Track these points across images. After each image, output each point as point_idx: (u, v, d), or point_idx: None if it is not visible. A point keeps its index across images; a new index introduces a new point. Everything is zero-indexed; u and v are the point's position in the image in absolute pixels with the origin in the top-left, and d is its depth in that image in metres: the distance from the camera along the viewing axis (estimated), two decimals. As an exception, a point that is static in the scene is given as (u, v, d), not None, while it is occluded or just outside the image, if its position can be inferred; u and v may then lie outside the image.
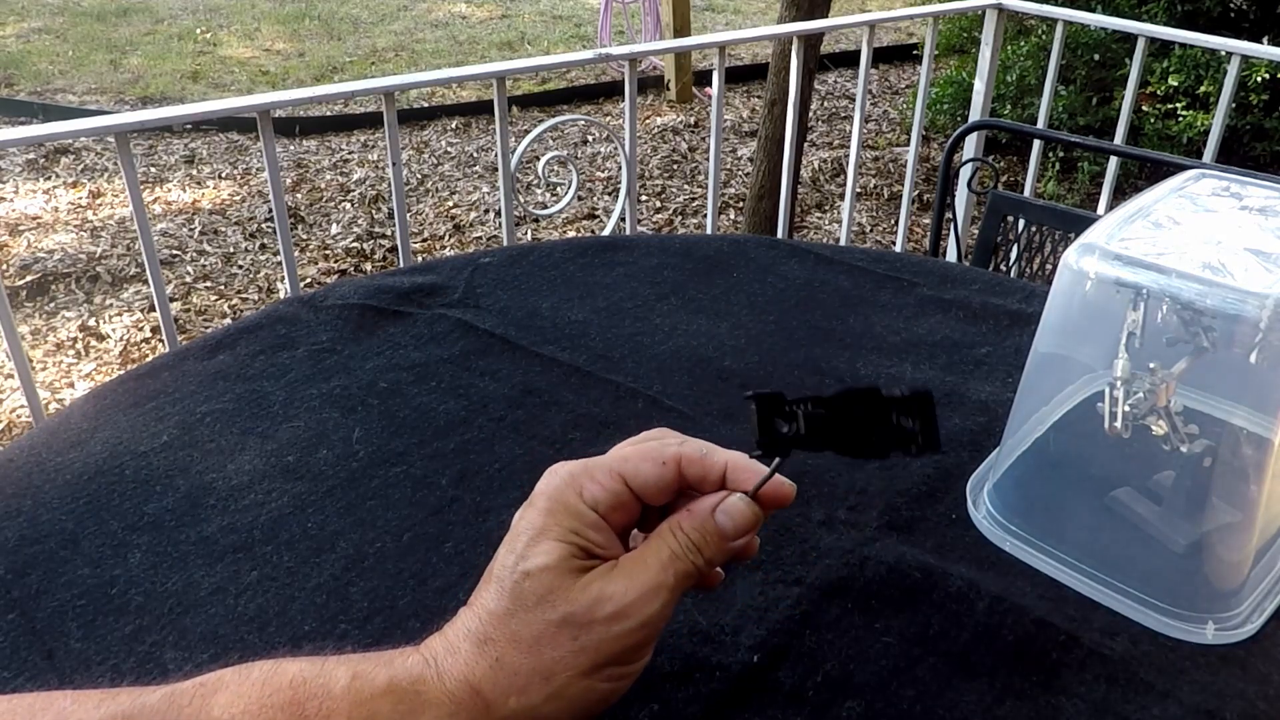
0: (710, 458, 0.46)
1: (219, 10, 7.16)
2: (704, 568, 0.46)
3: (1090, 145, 2.86)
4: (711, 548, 0.45)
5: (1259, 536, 0.60)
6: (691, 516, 0.46)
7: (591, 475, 0.46)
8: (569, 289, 1.00)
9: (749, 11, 7.59)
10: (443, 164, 4.56)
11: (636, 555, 0.45)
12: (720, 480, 0.46)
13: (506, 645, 0.43)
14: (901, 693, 0.55)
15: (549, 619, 0.43)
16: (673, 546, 0.45)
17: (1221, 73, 3.18)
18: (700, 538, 0.45)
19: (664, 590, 0.44)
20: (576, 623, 0.43)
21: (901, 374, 0.85)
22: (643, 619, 0.44)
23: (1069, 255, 0.61)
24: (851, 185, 2.52)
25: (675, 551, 0.45)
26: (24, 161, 4.40)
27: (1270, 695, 0.55)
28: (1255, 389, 0.60)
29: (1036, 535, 0.65)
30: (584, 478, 0.46)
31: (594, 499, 0.46)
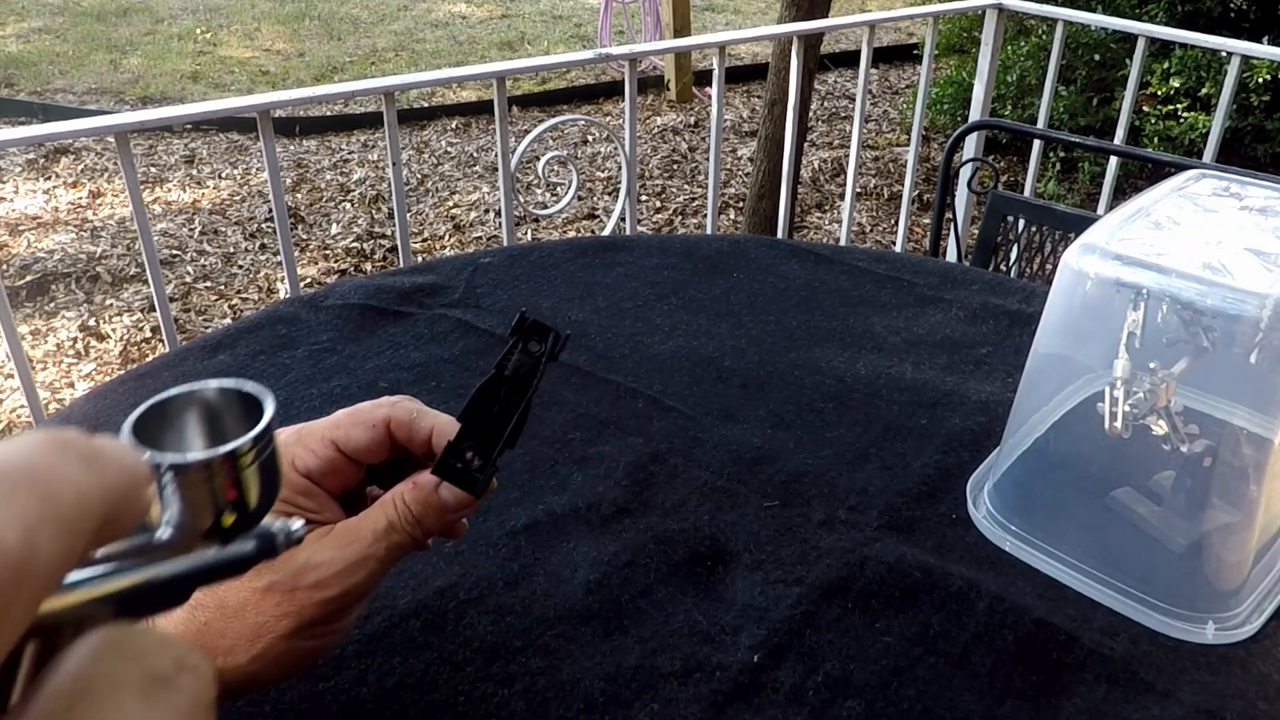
0: (418, 421, 0.48)
1: (219, 10, 7.16)
2: (421, 539, 0.47)
3: (1090, 145, 2.86)
4: (431, 521, 0.47)
5: (1259, 536, 0.60)
6: (415, 490, 0.47)
7: (304, 443, 0.48)
8: (569, 289, 1.00)
9: (749, 11, 7.59)
10: (443, 164, 4.56)
11: (353, 524, 0.47)
12: (427, 443, 0.48)
13: (214, 611, 0.44)
14: (901, 693, 0.55)
15: (255, 586, 0.44)
16: (391, 518, 0.46)
17: (1222, 73, 3.18)
18: (421, 510, 0.47)
19: (373, 561, 0.46)
20: (280, 589, 0.44)
21: (902, 374, 0.85)
22: (346, 588, 0.45)
23: (1069, 255, 0.61)
24: (851, 185, 2.52)
25: (393, 523, 0.46)
26: (24, 161, 4.40)
27: (1270, 695, 0.55)
28: (1255, 389, 0.60)
29: (1036, 535, 0.65)
30: (296, 446, 0.48)
31: (305, 466, 0.47)
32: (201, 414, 0.27)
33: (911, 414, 0.80)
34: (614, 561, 0.64)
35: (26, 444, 0.18)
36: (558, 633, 0.59)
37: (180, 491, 0.24)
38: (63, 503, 0.17)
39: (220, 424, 0.27)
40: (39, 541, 0.17)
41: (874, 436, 0.77)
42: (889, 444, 0.76)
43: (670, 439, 0.76)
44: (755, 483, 0.72)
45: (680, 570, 0.64)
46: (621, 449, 0.75)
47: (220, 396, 0.27)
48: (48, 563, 0.17)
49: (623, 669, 0.56)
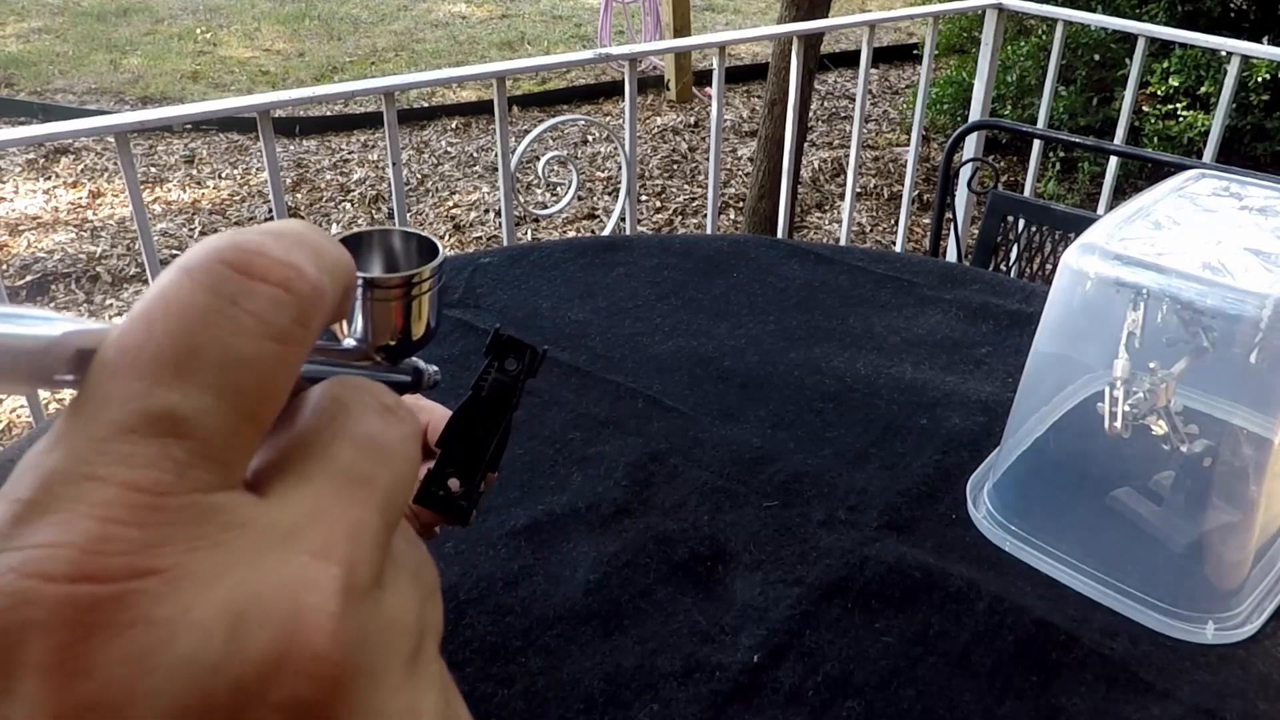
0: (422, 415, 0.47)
1: (219, 10, 7.16)
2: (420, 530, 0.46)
3: (1090, 145, 2.86)
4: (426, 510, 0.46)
5: (1259, 536, 0.60)
6: None
7: None
8: (569, 289, 1.00)
9: (749, 11, 7.59)
10: (443, 164, 4.56)
11: None
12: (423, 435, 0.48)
13: None
14: (901, 693, 0.55)
15: None
16: None
17: (1222, 73, 3.18)
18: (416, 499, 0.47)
19: None
20: None
21: (901, 374, 0.85)
22: None
23: (1069, 255, 0.61)
24: (851, 185, 2.52)
25: None
26: (24, 161, 4.40)
27: (1270, 695, 0.55)
28: (1255, 389, 0.60)
29: (1036, 535, 0.65)
30: None
31: None
32: (383, 252, 0.30)
33: (911, 414, 0.80)
34: (614, 561, 0.64)
35: (293, 222, 0.21)
36: (558, 633, 0.59)
37: (367, 306, 0.28)
38: (333, 267, 0.21)
39: (395, 261, 0.30)
40: (324, 282, 0.20)
41: (874, 436, 0.77)
42: (889, 444, 0.76)
43: (670, 439, 0.76)
44: (755, 483, 0.72)
45: (680, 570, 0.64)
46: (621, 449, 0.75)
47: (401, 240, 0.30)
48: (328, 307, 0.20)
49: (623, 669, 0.56)
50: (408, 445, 0.22)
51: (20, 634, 0.16)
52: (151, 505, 0.17)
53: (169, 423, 0.17)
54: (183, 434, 0.18)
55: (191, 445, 0.18)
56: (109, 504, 0.17)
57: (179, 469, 0.17)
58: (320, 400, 0.21)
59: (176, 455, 0.17)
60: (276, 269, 0.19)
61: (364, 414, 0.21)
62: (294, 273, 0.19)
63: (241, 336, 0.18)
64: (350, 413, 0.21)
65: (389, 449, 0.21)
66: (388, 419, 0.22)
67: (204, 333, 0.18)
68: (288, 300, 0.19)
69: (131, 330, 0.18)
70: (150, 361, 0.18)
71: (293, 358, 0.19)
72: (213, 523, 0.17)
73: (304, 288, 0.19)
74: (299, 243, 0.20)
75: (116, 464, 0.17)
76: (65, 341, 0.18)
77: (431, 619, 0.22)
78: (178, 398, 0.18)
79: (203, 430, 0.18)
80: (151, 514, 0.17)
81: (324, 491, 0.20)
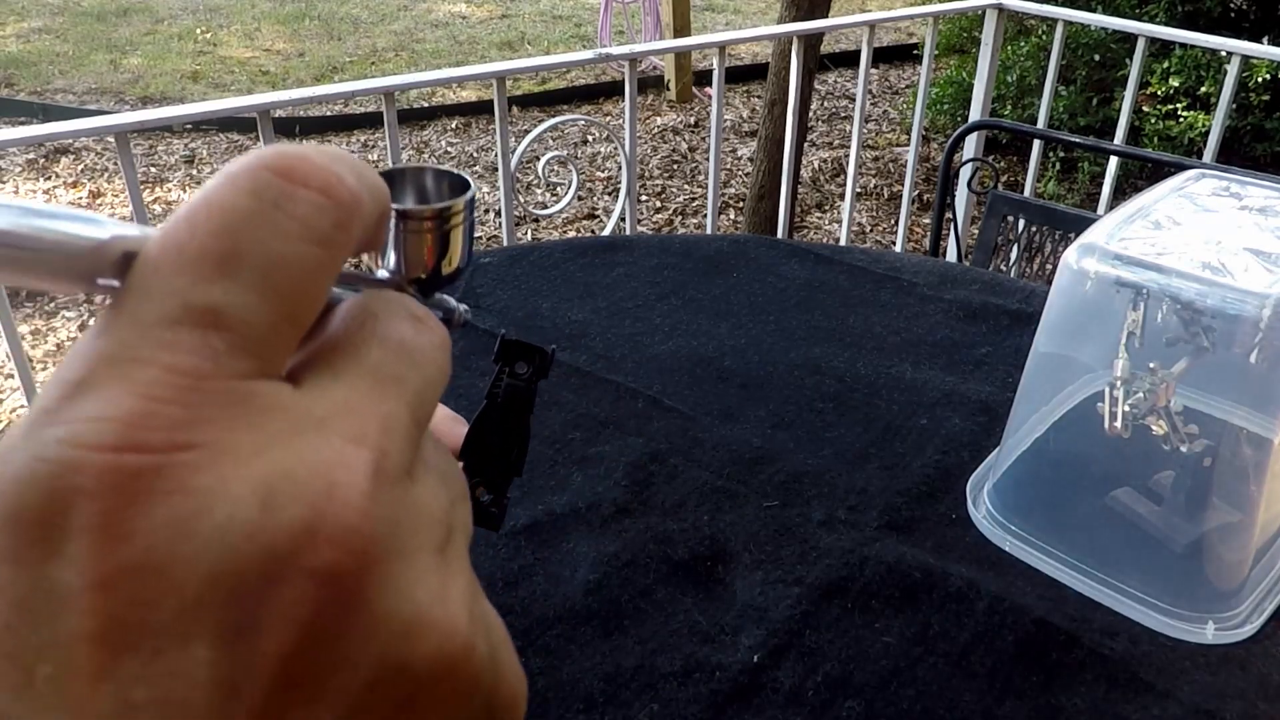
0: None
1: (219, 10, 7.16)
2: None
3: (1090, 145, 2.86)
4: None
5: (1259, 536, 0.60)
6: None
7: None
8: (569, 289, 1.00)
9: (749, 11, 7.59)
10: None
11: None
12: None
13: None
14: (901, 693, 0.55)
15: None
16: None
17: (1222, 73, 3.18)
18: None
19: None
20: None
21: (901, 374, 0.85)
22: None
23: (1069, 255, 0.61)
24: (851, 185, 2.52)
25: None
26: (24, 161, 4.40)
27: (1270, 695, 0.55)
28: (1255, 389, 0.60)
29: (1036, 535, 0.65)
30: None
31: None
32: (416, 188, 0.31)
33: (911, 414, 0.80)
34: (614, 561, 0.64)
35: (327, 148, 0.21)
36: (558, 633, 0.59)
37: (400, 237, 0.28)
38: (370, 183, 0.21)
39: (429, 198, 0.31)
40: (363, 193, 0.21)
41: (874, 436, 0.77)
42: (889, 444, 0.76)
43: (670, 439, 0.76)
44: (755, 483, 0.72)
45: (680, 570, 0.64)
46: (621, 449, 0.75)
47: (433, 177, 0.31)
48: (365, 217, 0.21)
49: (623, 669, 0.56)
50: (437, 352, 0.23)
51: (67, 500, 0.17)
52: (192, 387, 0.18)
53: (210, 315, 0.18)
54: (223, 326, 0.18)
55: (231, 337, 0.19)
56: (152, 383, 0.18)
57: (218, 357, 0.18)
58: (352, 307, 0.23)
59: (216, 345, 0.18)
60: (318, 174, 0.20)
61: (394, 320, 0.23)
62: (335, 179, 0.20)
63: (282, 238, 0.19)
64: (380, 319, 0.22)
65: (419, 352, 0.22)
66: (417, 326, 0.23)
67: (246, 233, 0.19)
68: (328, 205, 0.20)
69: (176, 230, 0.19)
70: (194, 259, 0.19)
71: (331, 262, 0.20)
72: (250, 406, 0.19)
73: (344, 194, 0.20)
74: (339, 157, 0.21)
75: (160, 349, 0.18)
76: (113, 244, 0.19)
77: (461, 519, 0.23)
78: (219, 293, 0.19)
79: (242, 325, 0.19)
80: (192, 394, 0.18)
81: (356, 385, 0.21)
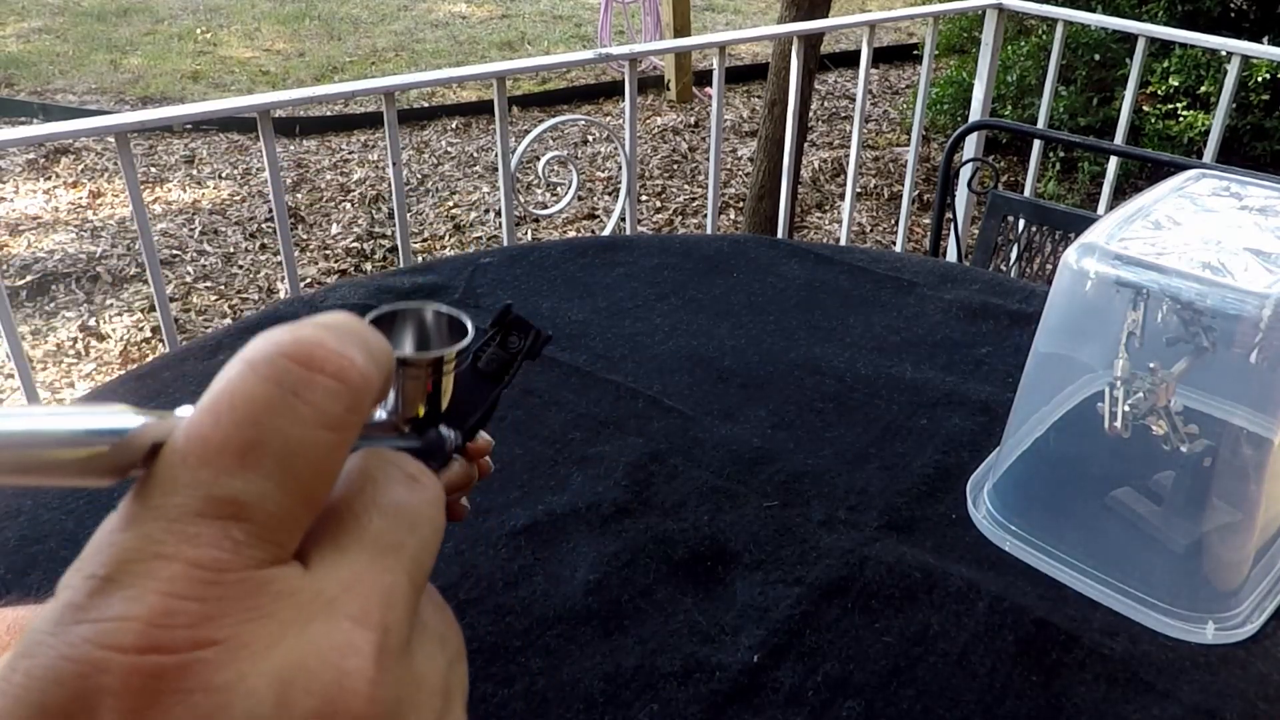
0: None
1: (219, 10, 7.16)
2: None
3: (1090, 145, 2.86)
4: None
5: (1259, 536, 0.60)
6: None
7: None
8: (569, 289, 1.00)
9: (749, 11, 7.59)
10: (443, 164, 4.56)
11: None
12: None
13: None
14: (901, 693, 0.55)
15: None
16: None
17: (1222, 73, 3.18)
18: None
19: None
20: None
21: (901, 374, 0.85)
22: None
23: (1069, 255, 0.61)
24: (851, 185, 2.52)
25: None
26: (24, 161, 4.40)
27: (1270, 695, 0.55)
28: (1255, 389, 0.60)
29: (1036, 535, 0.65)
30: None
31: None
32: (415, 327, 0.32)
33: (911, 414, 0.80)
34: (614, 561, 0.64)
35: (337, 315, 0.23)
36: (558, 633, 0.59)
37: (398, 382, 0.30)
38: (378, 357, 0.22)
39: (427, 338, 0.32)
40: (372, 372, 0.22)
41: (874, 436, 0.77)
42: (889, 444, 0.76)
43: (670, 439, 0.76)
44: (755, 483, 0.72)
45: (680, 570, 0.64)
46: (621, 449, 0.75)
47: (433, 316, 0.32)
48: (374, 393, 0.22)
49: (623, 669, 0.56)
50: (431, 510, 0.24)
51: (94, 700, 0.18)
52: (212, 581, 0.19)
53: (232, 507, 0.20)
54: (243, 517, 0.20)
55: (250, 527, 0.20)
56: (174, 580, 0.19)
57: (237, 548, 0.19)
58: (351, 474, 0.23)
59: (236, 536, 0.19)
60: (333, 360, 0.21)
61: (390, 484, 0.23)
62: (348, 363, 0.21)
63: (300, 426, 0.20)
64: (378, 484, 0.23)
65: (414, 515, 0.23)
66: (412, 487, 0.24)
67: (266, 423, 0.20)
68: (342, 390, 0.21)
69: (201, 422, 0.20)
70: (217, 451, 0.20)
71: (345, 444, 0.21)
72: (265, 594, 0.20)
73: (356, 378, 0.21)
74: (349, 334, 0.22)
75: (183, 543, 0.19)
76: (144, 435, 0.20)
77: (458, 681, 0.24)
78: (240, 484, 0.20)
79: (261, 514, 0.20)
80: (211, 589, 0.19)
81: (359, 560, 0.22)
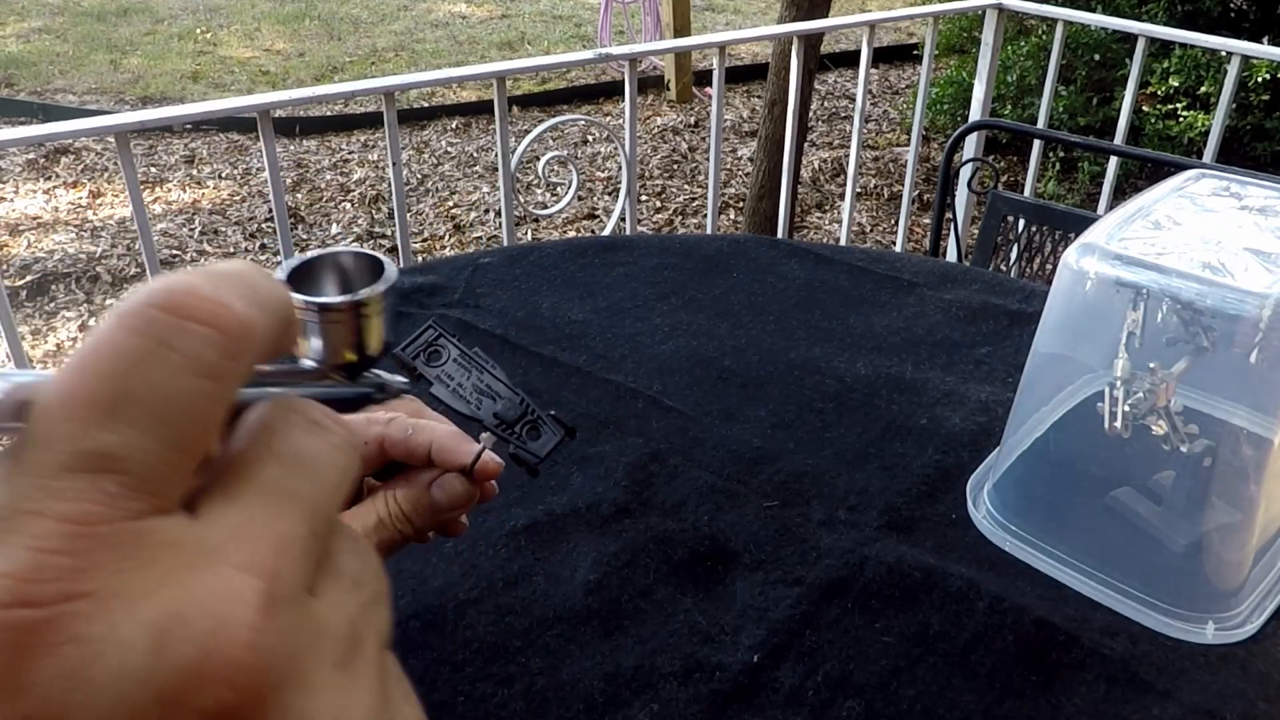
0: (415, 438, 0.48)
1: (219, 10, 7.16)
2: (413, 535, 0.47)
3: (1090, 145, 2.86)
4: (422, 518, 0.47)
5: (1259, 536, 0.60)
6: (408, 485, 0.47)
7: None
8: (569, 289, 1.00)
9: (749, 11, 7.59)
10: (443, 164, 4.56)
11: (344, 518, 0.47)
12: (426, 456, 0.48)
13: None
14: (901, 693, 0.55)
15: None
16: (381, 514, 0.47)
17: (1222, 73, 3.18)
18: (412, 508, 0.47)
19: None
20: None
21: (902, 374, 0.85)
22: None
23: (1069, 255, 0.61)
24: (851, 185, 2.52)
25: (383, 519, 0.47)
26: (24, 161, 4.40)
27: (1270, 695, 0.55)
28: (1255, 389, 0.60)
29: (1036, 535, 0.65)
30: None
31: None
32: (335, 272, 0.32)
33: (911, 414, 0.80)
34: (614, 561, 0.64)
35: (231, 263, 0.22)
36: (558, 633, 0.59)
37: (322, 328, 0.30)
38: (266, 302, 0.22)
39: (349, 281, 0.32)
40: (255, 317, 0.21)
41: (874, 436, 0.77)
42: (889, 444, 0.76)
43: (670, 439, 0.76)
44: (755, 483, 0.72)
45: (680, 570, 0.64)
46: (621, 449, 0.75)
47: (352, 259, 0.32)
48: (259, 340, 0.21)
49: (623, 669, 0.56)
50: (338, 454, 0.23)
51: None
52: (82, 534, 0.19)
53: (101, 459, 0.19)
54: (114, 469, 0.19)
55: (123, 479, 0.19)
56: (44, 535, 0.18)
57: (110, 500, 0.19)
58: (250, 424, 0.23)
59: (108, 488, 0.19)
60: (204, 306, 0.20)
61: (289, 431, 0.23)
62: (222, 309, 0.21)
63: (171, 374, 0.20)
64: (275, 432, 0.23)
65: (317, 461, 0.23)
66: (314, 432, 0.23)
67: (134, 374, 0.20)
68: (216, 337, 0.20)
69: (68, 377, 0.20)
70: (84, 405, 0.19)
71: (223, 390, 0.21)
72: (143, 546, 0.19)
73: (232, 323, 0.21)
74: (231, 281, 0.21)
75: (52, 499, 0.19)
76: (13, 394, 0.21)
77: (375, 623, 0.24)
78: (109, 436, 0.19)
79: (133, 464, 0.19)
80: (82, 542, 0.18)
81: (250, 507, 0.21)
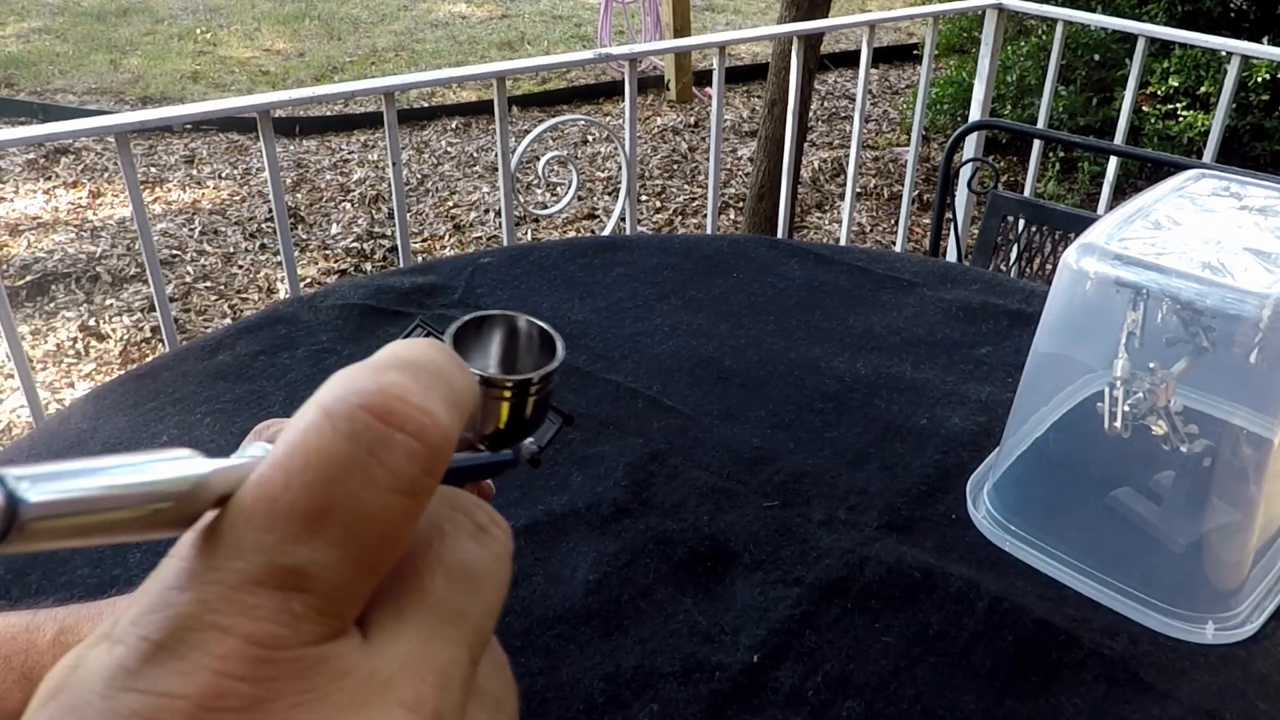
0: None
1: (219, 10, 7.16)
2: None
3: (1090, 145, 2.86)
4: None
5: (1259, 536, 0.60)
6: None
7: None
8: (569, 289, 1.00)
9: (749, 11, 7.59)
10: (443, 164, 4.56)
11: None
12: None
13: None
14: (901, 693, 0.55)
15: None
16: None
17: (1222, 73, 3.18)
18: None
19: None
20: None
21: (901, 374, 0.85)
22: None
23: (1069, 255, 0.61)
24: (851, 185, 2.52)
25: None
26: (24, 161, 4.40)
27: (1270, 695, 0.55)
28: (1255, 389, 0.60)
29: (1036, 535, 0.65)
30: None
31: None
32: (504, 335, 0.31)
33: (911, 414, 0.80)
34: (614, 561, 0.64)
35: (424, 344, 0.22)
36: (558, 633, 0.59)
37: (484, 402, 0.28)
38: (462, 403, 0.21)
39: (515, 350, 0.31)
40: (454, 427, 0.21)
41: (874, 436, 0.77)
42: (889, 444, 0.76)
43: (670, 439, 0.76)
44: (755, 483, 0.72)
45: (680, 570, 0.64)
46: (621, 449, 0.75)
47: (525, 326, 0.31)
48: (452, 448, 0.21)
49: (623, 669, 0.56)
50: (498, 566, 0.23)
51: None
52: (266, 659, 0.18)
53: (295, 577, 0.19)
54: (305, 589, 0.19)
55: (310, 599, 0.19)
56: (228, 656, 0.18)
57: (296, 622, 0.19)
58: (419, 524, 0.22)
59: (295, 609, 0.19)
60: (415, 417, 0.20)
61: (458, 538, 0.22)
62: (429, 420, 0.20)
63: (374, 491, 0.19)
64: (445, 538, 0.22)
65: (481, 575, 0.22)
66: (481, 540, 0.23)
67: (339, 486, 0.19)
68: (421, 452, 0.20)
69: (271, 480, 0.19)
70: (284, 515, 0.19)
71: (417, 509, 0.20)
72: (320, 674, 0.19)
73: (437, 437, 0.20)
74: (436, 380, 0.21)
75: (240, 615, 0.18)
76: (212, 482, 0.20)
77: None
78: (305, 553, 0.19)
79: (324, 585, 0.19)
80: (265, 668, 0.18)
81: (419, 632, 0.21)
